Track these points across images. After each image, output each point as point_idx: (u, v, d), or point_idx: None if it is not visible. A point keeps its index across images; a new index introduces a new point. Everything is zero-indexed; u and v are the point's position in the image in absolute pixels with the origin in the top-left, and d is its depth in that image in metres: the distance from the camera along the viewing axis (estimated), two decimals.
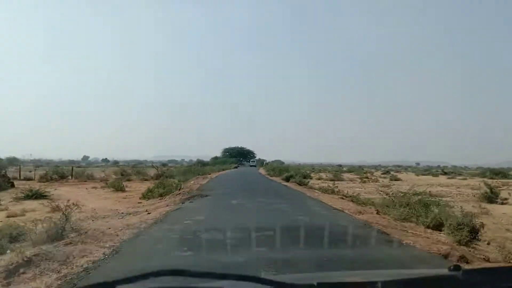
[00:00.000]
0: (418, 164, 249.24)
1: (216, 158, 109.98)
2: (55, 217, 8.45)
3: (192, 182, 31.27)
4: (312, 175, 45.95)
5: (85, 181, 36.00)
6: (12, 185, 24.77)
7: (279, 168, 52.42)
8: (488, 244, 8.61)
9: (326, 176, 57.16)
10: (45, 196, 18.57)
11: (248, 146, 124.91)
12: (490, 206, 16.76)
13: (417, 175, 65.39)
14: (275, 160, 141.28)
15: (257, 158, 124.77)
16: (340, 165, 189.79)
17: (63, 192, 21.85)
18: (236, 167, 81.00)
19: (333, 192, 21.12)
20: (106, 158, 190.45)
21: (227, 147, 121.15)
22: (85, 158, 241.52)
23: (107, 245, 7.33)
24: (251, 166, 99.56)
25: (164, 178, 31.26)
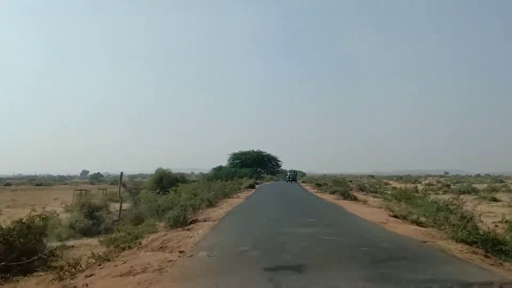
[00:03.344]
0: (447, 173, 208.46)
1: (219, 168, 67.62)
2: None
3: None
4: None
5: None
6: None
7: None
8: None
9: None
10: None
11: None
12: None
13: None
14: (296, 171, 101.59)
15: (280, 168, 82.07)
16: (371, 176, 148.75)
17: None
18: (253, 186, 38.33)
19: None
20: (99, 173, 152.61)
21: (237, 151, 77.91)
22: (84, 172, 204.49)
23: None
24: (288, 181, 55.93)
25: None
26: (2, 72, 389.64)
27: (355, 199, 25.66)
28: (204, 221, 13.57)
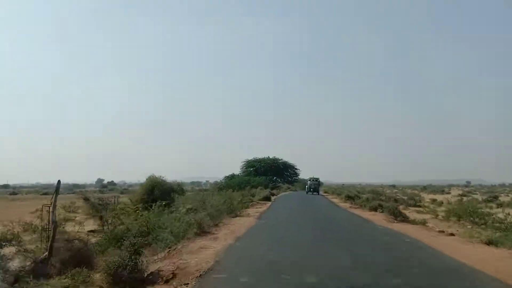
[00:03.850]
0: (469, 182, 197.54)
1: (232, 177, 60.71)
2: None
3: None
4: None
5: None
6: None
7: None
8: None
9: None
10: None
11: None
12: None
13: None
14: None
15: (298, 176, 74.40)
16: (393, 185, 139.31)
17: None
18: (268, 198, 31.26)
19: None
20: (112, 181, 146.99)
21: (251, 158, 70.40)
22: (100, 181, 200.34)
23: None
24: (309, 191, 46.75)
25: None
26: (21, 81, 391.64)
27: (406, 218, 18.51)
28: (170, 280, 6.65)
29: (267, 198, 30.63)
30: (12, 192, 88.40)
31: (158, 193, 23.45)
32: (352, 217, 17.49)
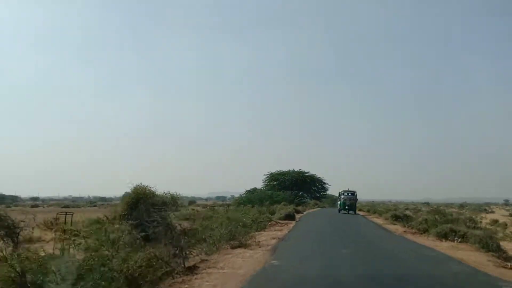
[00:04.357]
0: (507, 200, 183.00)
1: (253, 191, 54.44)
2: None
3: None
4: None
5: None
6: None
7: None
8: None
9: None
10: None
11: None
12: None
13: None
14: None
15: (327, 192, 67.12)
16: (427, 203, 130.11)
17: None
18: (292, 216, 24.68)
19: None
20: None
21: (274, 171, 63.74)
22: (126, 194, 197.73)
23: None
24: (343, 209, 35.29)
25: None
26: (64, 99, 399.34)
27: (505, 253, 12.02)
28: None
29: (290, 216, 24.22)
30: (34, 204, 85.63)
31: (143, 208, 17.67)
32: (431, 255, 10.72)
